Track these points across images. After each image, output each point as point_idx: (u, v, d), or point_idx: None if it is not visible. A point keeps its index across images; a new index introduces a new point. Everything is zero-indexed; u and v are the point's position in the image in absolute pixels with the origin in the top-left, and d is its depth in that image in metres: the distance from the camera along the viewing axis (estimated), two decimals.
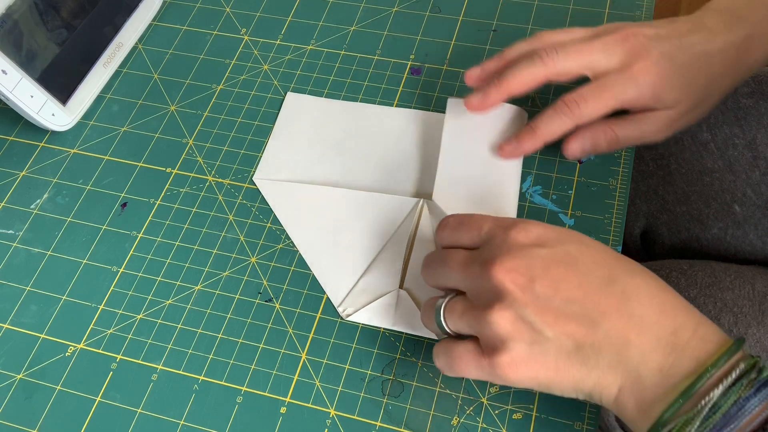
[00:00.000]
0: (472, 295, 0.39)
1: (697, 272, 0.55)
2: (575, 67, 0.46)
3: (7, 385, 0.46)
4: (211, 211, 0.52)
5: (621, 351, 0.35)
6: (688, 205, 0.60)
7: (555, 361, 0.36)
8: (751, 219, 0.58)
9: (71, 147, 0.57)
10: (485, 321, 0.37)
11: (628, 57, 0.46)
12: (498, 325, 0.36)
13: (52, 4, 0.54)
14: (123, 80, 0.60)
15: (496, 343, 0.36)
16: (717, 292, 0.53)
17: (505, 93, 0.47)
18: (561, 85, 0.52)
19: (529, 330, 0.36)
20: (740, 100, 0.58)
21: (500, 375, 0.36)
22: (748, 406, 0.33)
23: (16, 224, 0.53)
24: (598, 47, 0.46)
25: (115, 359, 0.47)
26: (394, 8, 0.61)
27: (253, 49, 0.61)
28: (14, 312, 0.49)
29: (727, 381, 0.33)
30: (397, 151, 0.53)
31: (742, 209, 0.58)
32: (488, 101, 0.48)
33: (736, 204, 0.58)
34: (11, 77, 0.52)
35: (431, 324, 0.41)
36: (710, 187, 0.59)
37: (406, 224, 0.49)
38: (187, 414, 0.44)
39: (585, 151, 0.48)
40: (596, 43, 0.46)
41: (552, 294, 0.36)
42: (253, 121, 0.56)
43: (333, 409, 0.44)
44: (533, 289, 0.36)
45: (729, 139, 0.58)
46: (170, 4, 0.64)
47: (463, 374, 0.39)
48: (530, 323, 0.36)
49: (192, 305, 0.48)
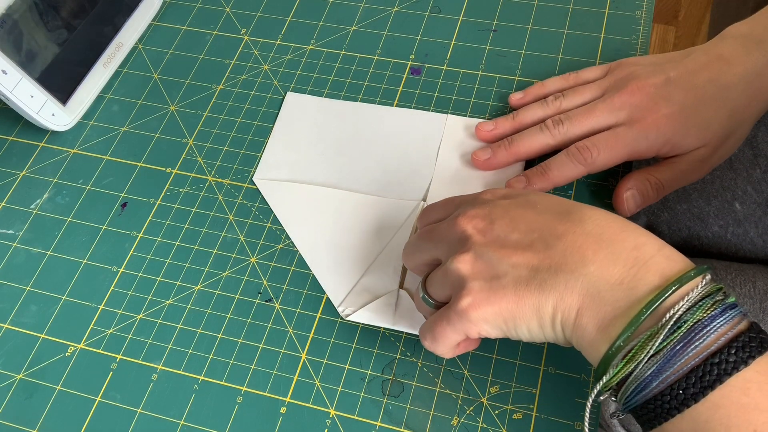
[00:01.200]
0: (445, 256, 0.39)
1: None
2: (583, 133, 0.47)
3: (7, 385, 0.46)
4: (211, 211, 0.52)
5: (578, 268, 0.34)
6: (688, 203, 0.60)
7: (514, 290, 0.35)
8: (751, 217, 0.58)
9: (71, 147, 0.57)
10: (450, 270, 0.37)
11: (636, 113, 0.46)
12: (459, 269, 0.37)
13: (52, 4, 0.54)
14: (123, 80, 0.60)
15: (460, 289, 0.37)
16: None
17: (513, 157, 0.50)
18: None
19: (487, 267, 0.36)
20: None
21: (466, 318, 0.36)
22: (714, 324, 0.31)
23: (16, 224, 0.53)
24: (603, 110, 0.47)
25: (115, 359, 0.47)
26: (394, 8, 0.61)
27: (253, 49, 0.61)
28: (14, 312, 0.49)
29: (693, 295, 0.32)
30: (397, 151, 0.53)
31: (742, 207, 0.58)
32: (495, 161, 0.50)
33: (737, 202, 0.58)
34: (11, 77, 0.52)
35: (422, 308, 0.42)
36: (711, 185, 0.59)
37: (407, 225, 0.49)
38: (187, 414, 0.44)
39: (638, 206, 0.49)
40: (601, 107, 0.47)
41: (510, 231, 0.37)
42: (253, 121, 0.56)
43: (333, 409, 0.44)
44: (492, 230, 0.37)
45: None
46: (170, 4, 0.64)
47: (443, 341, 0.38)
48: (488, 260, 0.36)
49: (192, 305, 0.48)
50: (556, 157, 0.48)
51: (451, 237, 0.39)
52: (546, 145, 0.49)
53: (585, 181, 0.50)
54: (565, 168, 0.47)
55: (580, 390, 0.43)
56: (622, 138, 0.46)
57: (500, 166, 0.50)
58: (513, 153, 0.49)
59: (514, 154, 0.49)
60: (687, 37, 1.44)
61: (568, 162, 0.47)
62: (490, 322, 0.36)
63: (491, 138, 0.51)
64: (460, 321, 0.37)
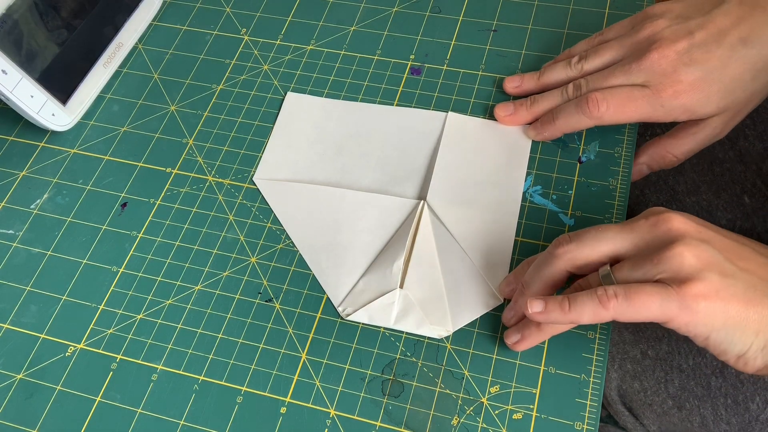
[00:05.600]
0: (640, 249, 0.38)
1: None
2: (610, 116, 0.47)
3: (7, 385, 0.46)
4: (211, 211, 0.52)
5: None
6: (697, 195, 0.60)
7: (744, 293, 0.36)
8: (760, 210, 0.58)
9: (71, 147, 0.57)
10: (669, 258, 0.36)
11: (655, 79, 0.45)
12: (685, 257, 0.36)
13: (52, 4, 0.54)
14: (123, 80, 0.60)
15: (686, 275, 0.36)
16: None
17: (532, 117, 0.51)
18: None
19: (717, 262, 0.36)
20: None
21: (691, 306, 0.35)
22: None
23: (16, 224, 0.53)
24: (620, 76, 0.47)
25: (115, 359, 0.47)
26: (394, 8, 0.61)
27: (253, 49, 0.61)
28: (14, 312, 0.49)
29: None
30: (397, 151, 0.53)
31: (751, 200, 0.58)
32: (516, 119, 0.51)
33: (746, 195, 0.58)
34: (11, 77, 0.52)
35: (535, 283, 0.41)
36: (720, 178, 0.59)
37: (407, 224, 0.49)
38: (187, 414, 0.44)
39: (643, 174, 0.50)
40: (618, 73, 0.47)
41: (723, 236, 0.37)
42: (253, 121, 0.56)
43: (333, 409, 0.44)
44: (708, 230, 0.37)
45: (740, 129, 0.58)
46: (170, 4, 0.64)
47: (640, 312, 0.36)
48: (716, 256, 0.36)
49: (192, 305, 0.48)
50: (567, 105, 0.48)
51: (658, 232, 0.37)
52: (579, 123, 0.49)
53: (585, 181, 0.50)
54: (572, 118, 0.48)
55: (580, 390, 0.43)
56: (637, 101, 0.46)
57: (520, 123, 0.52)
58: (533, 113, 0.51)
59: (534, 114, 0.51)
60: None
61: (575, 112, 0.48)
62: (712, 316, 0.36)
63: (515, 93, 0.53)
64: (680, 304, 0.36)
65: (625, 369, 0.55)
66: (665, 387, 0.53)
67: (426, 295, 0.46)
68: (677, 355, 0.53)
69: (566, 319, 0.38)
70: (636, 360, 0.54)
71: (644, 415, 0.56)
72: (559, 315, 0.38)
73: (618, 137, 0.52)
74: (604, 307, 0.36)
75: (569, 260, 0.40)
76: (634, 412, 0.57)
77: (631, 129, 0.52)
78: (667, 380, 0.53)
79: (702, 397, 0.52)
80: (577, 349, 0.44)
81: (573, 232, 0.41)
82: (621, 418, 0.59)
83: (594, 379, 0.43)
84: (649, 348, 0.54)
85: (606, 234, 0.39)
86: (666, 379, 0.53)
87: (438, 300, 0.46)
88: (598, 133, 0.52)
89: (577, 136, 0.52)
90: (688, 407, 0.53)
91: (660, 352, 0.53)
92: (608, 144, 0.51)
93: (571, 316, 0.38)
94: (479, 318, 0.46)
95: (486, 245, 0.48)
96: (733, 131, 0.58)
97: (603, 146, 0.51)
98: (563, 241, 0.40)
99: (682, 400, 0.53)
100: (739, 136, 0.58)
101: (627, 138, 0.52)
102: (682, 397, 0.53)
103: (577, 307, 0.37)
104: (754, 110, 0.57)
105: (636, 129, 0.52)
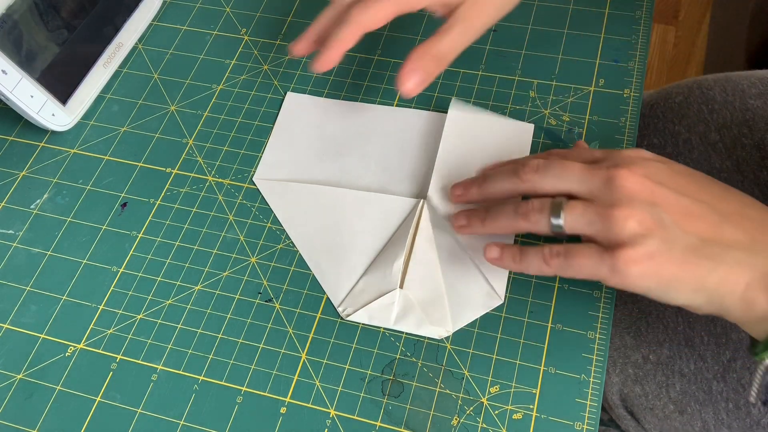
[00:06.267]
0: (593, 196, 0.39)
1: None
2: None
3: (7, 385, 0.46)
4: (211, 211, 0.52)
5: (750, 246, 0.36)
6: None
7: (681, 256, 0.36)
8: None
9: (71, 147, 0.57)
10: (614, 217, 0.37)
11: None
12: (627, 220, 0.37)
13: (52, 4, 0.54)
14: (123, 80, 0.60)
15: (623, 239, 0.37)
16: None
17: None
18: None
19: (658, 227, 0.37)
20: (748, 101, 0.58)
21: (622, 270, 0.37)
22: None
23: (16, 224, 0.53)
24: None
25: (115, 359, 0.47)
26: None
27: (253, 49, 0.61)
28: (14, 312, 0.49)
29: None
30: (397, 151, 0.53)
31: None
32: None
33: None
34: (11, 77, 0.52)
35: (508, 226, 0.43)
36: None
37: (406, 224, 0.49)
38: (187, 414, 0.44)
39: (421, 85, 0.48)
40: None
41: (680, 195, 0.37)
42: (253, 121, 0.56)
43: (333, 409, 0.44)
44: (662, 191, 0.38)
45: (737, 139, 0.58)
46: (170, 4, 0.64)
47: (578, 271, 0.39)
48: (659, 220, 0.37)
49: (192, 305, 0.48)
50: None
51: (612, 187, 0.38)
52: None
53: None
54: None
55: (580, 390, 0.43)
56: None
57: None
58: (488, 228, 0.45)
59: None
60: (687, 37, 1.44)
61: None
62: (645, 279, 0.37)
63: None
64: (612, 268, 0.37)
65: (627, 373, 0.55)
66: (667, 391, 0.53)
67: (426, 295, 0.46)
68: (678, 360, 0.53)
69: (515, 269, 0.42)
70: (637, 364, 0.54)
71: (646, 419, 0.56)
72: (510, 264, 0.42)
73: (618, 137, 0.52)
74: (546, 263, 0.40)
75: (530, 188, 0.43)
76: (635, 417, 0.57)
77: (630, 132, 0.52)
78: (669, 384, 0.53)
79: (703, 402, 0.52)
80: (577, 349, 0.44)
81: (542, 161, 0.42)
82: (623, 422, 0.59)
83: (594, 379, 0.43)
84: (651, 352, 0.54)
85: (568, 174, 0.41)
86: (667, 384, 0.53)
87: (438, 300, 0.46)
88: (599, 134, 0.52)
89: (577, 135, 0.52)
90: (690, 411, 0.53)
91: (661, 356, 0.53)
92: (608, 144, 0.52)
93: (520, 267, 0.42)
94: (479, 318, 0.46)
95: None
96: (731, 141, 0.58)
97: (603, 146, 0.51)
98: (531, 169, 0.42)
99: (683, 405, 0.53)
100: (736, 146, 0.58)
101: (626, 143, 0.52)
102: (683, 402, 0.53)
103: (526, 260, 0.41)
104: (752, 120, 0.57)
105: (635, 133, 0.52)
